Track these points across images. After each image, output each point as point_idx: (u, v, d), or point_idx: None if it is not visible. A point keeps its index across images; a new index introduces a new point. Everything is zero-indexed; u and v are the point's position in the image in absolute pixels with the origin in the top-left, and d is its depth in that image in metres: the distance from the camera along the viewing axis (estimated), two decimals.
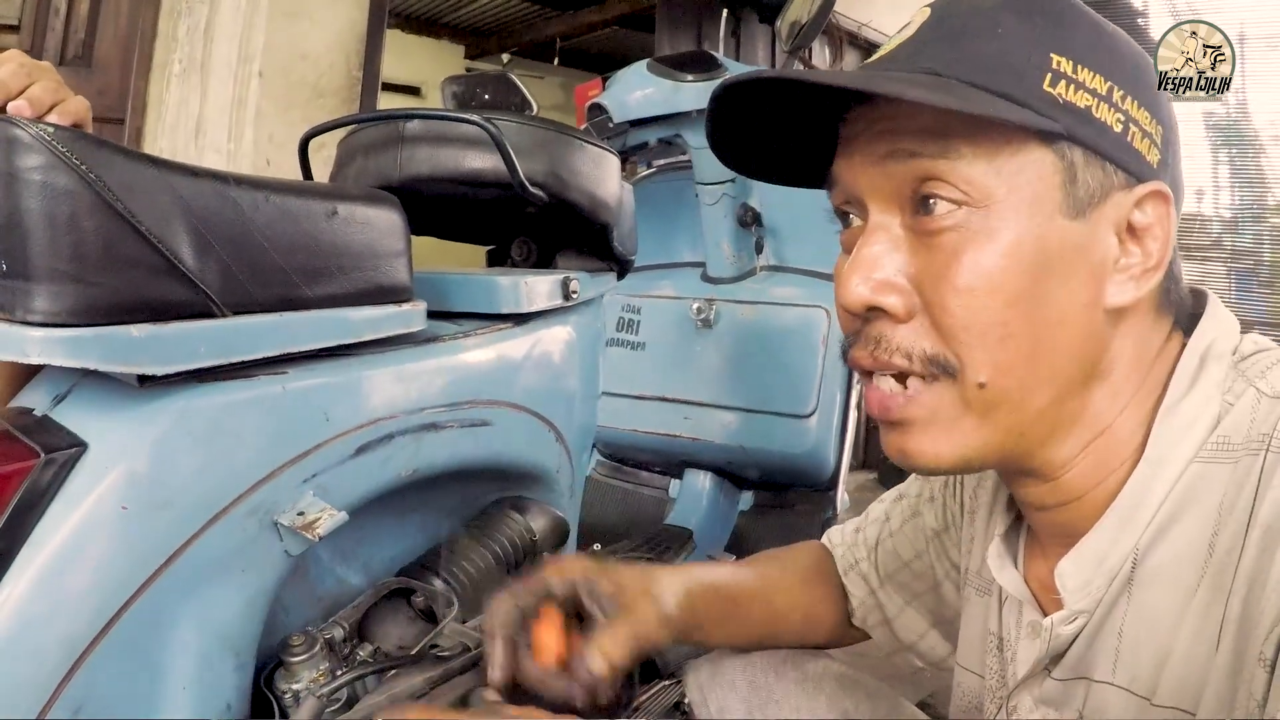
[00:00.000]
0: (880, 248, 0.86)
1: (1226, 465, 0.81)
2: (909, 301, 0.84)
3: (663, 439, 3.10)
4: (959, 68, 0.82)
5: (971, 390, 0.83)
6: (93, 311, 0.96)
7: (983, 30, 0.83)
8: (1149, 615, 0.84)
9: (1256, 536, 0.75)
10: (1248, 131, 6.83)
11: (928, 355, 0.84)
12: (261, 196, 1.13)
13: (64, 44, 3.85)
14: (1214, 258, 6.95)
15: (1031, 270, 0.80)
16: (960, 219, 0.81)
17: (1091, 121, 0.80)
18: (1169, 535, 0.83)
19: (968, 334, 0.82)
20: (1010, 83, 0.80)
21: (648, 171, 3.38)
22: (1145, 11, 7.07)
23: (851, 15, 7.74)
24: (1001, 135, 0.80)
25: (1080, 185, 0.81)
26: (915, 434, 0.87)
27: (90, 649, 0.97)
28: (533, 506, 1.61)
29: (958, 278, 0.81)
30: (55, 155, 0.93)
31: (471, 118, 1.54)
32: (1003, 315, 0.81)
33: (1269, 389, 0.82)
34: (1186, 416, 0.84)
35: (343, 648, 1.24)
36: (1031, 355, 0.82)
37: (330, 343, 1.21)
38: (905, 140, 0.83)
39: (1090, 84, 0.81)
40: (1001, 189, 0.80)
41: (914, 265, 0.85)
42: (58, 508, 0.97)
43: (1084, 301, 0.82)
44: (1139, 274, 0.83)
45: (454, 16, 10.70)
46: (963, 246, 0.81)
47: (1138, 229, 0.83)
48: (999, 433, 0.85)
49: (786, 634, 1.30)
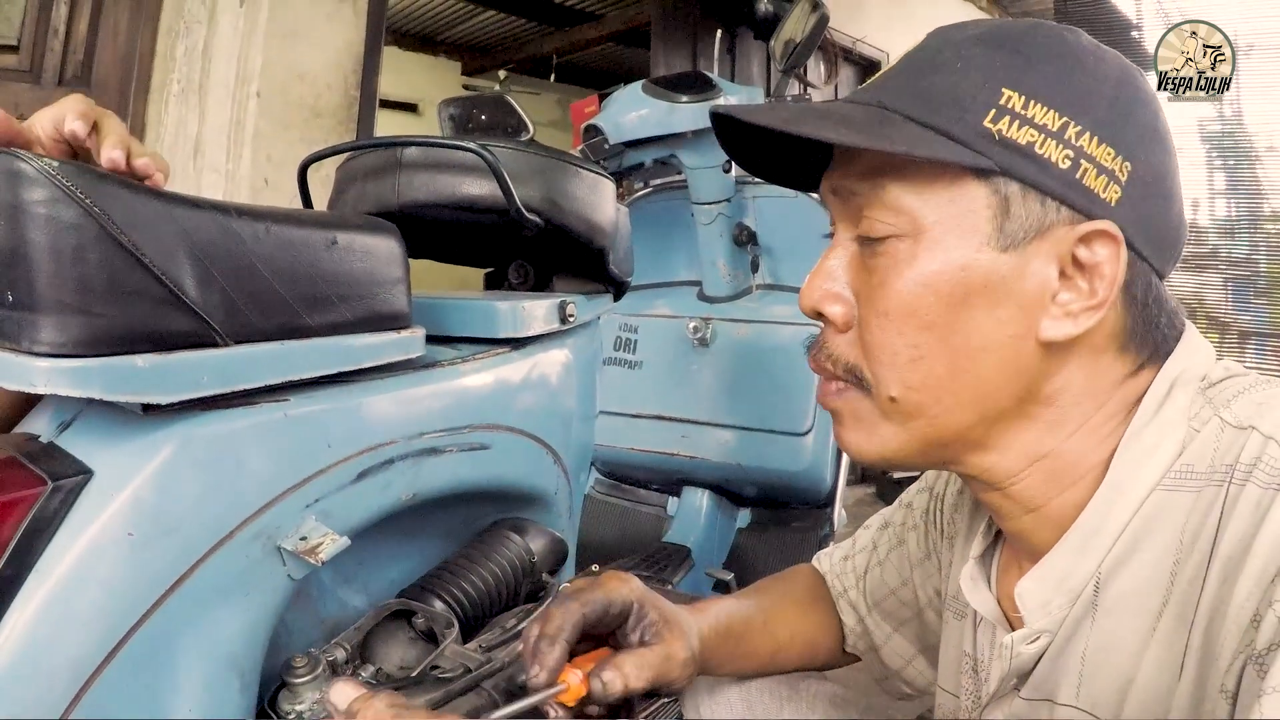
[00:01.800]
0: (835, 261, 0.93)
1: (1189, 494, 0.82)
2: (849, 313, 0.91)
3: (660, 457, 3.12)
4: (905, 102, 0.85)
5: (884, 402, 0.89)
6: (98, 342, 0.97)
7: (945, 64, 0.86)
8: (1112, 641, 0.86)
9: (1218, 568, 0.77)
10: (1243, 141, 6.84)
11: (848, 365, 0.91)
12: (262, 227, 1.14)
13: (62, 64, 3.85)
14: (1211, 267, 6.95)
15: (949, 299, 0.83)
16: (889, 246, 0.86)
17: (1033, 158, 0.81)
18: (1132, 562, 0.85)
19: (881, 352, 0.87)
20: (950, 117, 0.82)
21: (644, 191, 3.39)
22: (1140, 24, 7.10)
23: (846, 31, 7.76)
24: (932, 170, 0.83)
25: (1014, 219, 0.82)
26: (845, 427, 0.95)
27: (98, 672, 0.98)
28: (531, 528, 1.62)
29: (879, 301, 0.86)
30: (60, 189, 0.94)
31: (468, 145, 1.56)
32: (915, 339, 0.85)
33: (1232, 419, 0.82)
34: (1149, 442, 0.86)
35: (345, 669, 1.25)
36: (948, 377, 0.86)
37: (331, 370, 1.23)
38: (849, 178, 0.89)
39: (1040, 120, 0.82)
40: (930, 218, 0.83)
41: (856, 282, 0.90)
42: (65, 534, 0.98)
43: (1011, 332, 0.84)
44: (1078, 311, 0.84)
45: (451, 33, 10.73)
46: (889, 272, 0.85)
47: (1085, 265, 0.83)
48: (916, 440, 0.90)
49: (788, 663, 1.31)
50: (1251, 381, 0.87)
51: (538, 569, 1.59)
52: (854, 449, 0.94)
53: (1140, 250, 0.85)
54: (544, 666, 0.98)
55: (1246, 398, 0.84)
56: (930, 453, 0.91)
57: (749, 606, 1.28)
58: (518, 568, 1.53)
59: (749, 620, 1.26)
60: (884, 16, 8.23)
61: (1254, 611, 0.71)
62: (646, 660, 1.04)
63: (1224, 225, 6.91)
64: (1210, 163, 6.89)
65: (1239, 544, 0.75)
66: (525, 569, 1.55)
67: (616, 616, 1.08)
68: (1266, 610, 0.70)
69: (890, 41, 8.14)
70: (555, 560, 1.66)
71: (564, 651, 1.00)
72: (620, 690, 1.00)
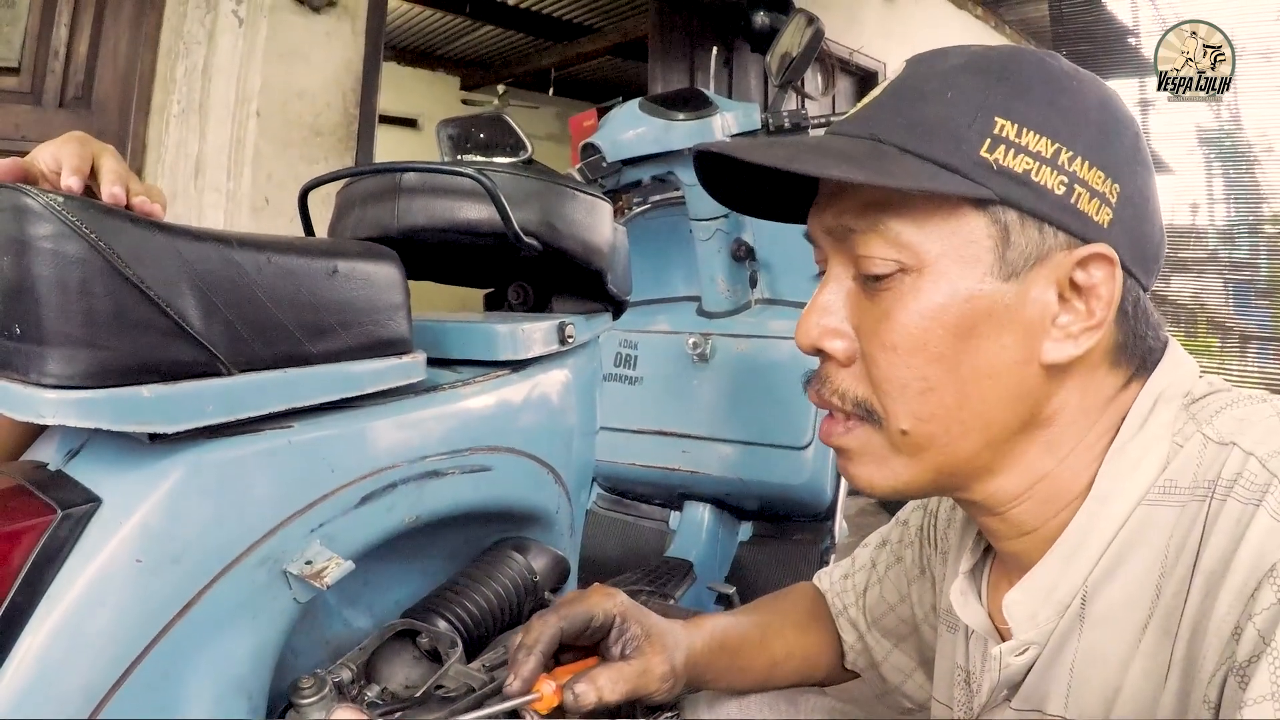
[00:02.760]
0: (832, 296, 0.92)
1: (1173, 509, 0.84)
2: (851, 348, 0.91)
3: (661, 472, 3.12)
4: (899, 134, 0.86)
5: (895, 435, 0.89)
6: (104, 374, 0.99)
7: (935, 94, 0.87)
8: (1099, 653, 0.87)
9: (1200, 582, 0.78)
10: (1242, 144, 6.85)
11: (858, 400, 0.90)
12: (264, 258, 1.16)
13: (63, 86, 3.87)
14: (1211, 271, 6.96)
15: (956, 330, 0.84)
16: (893, 281, 0.86)
17: (1030, 185, 0.83)
18: (1118, 575, 0.86)
19: (890, 386, 0.87)
20: (947, 148, 0.83)
21: (642, 208, 3.40)
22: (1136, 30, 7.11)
23: (843, 42, 7.78)
24: (932, 202, 0.84)
25: (1014, 247, 0.83)
26: (854, 462, 0.94)
27: (108, 697, 0.99)
28: (533, 546, 1.63)
29: (885, 335, 0.86)
30: (65, 224, 0.96)
31: (467, 171, 1.57)
32: (924, 371, 0.86)
33: (1214, 434, 0.84)
34: (1133, 457, 0.87)
35: (351, 689, 1.26)
36: (957, 406, 0.86)
37: (333, 397, 1.24)
38: (844, 216, 0.89)
39: (1034, 147, 0.83)
40: (933, 252, 0.84)
41: (857, 317, 0.90)
42: (74, 561, 0.99)
43: (1016, 358, 0.86)
44: (1078, 332, 0.86)
45: (449, 49, 10.76)
46: (893, 307, 0.86)
47: (1081, 288, 0.85)
48: (928, 471, 0.91)
49: (784, 679, 1.33)
50: (1234, 398, 0.88)
51: (540, 587, 1.60)
52: (866, 484, 0.94)
53: (1130, 268, 0.87)
54: (519, 675, 1.03)
55: (1228, 414, 0.86)
56: (940, 482, 0.92)
57: (746, 623, 1.30)
58: (520, 586, 1.54)
59: (745, 635, 1.27)
60: (880, 26, 8.25)
61: (1234, 624, 0.73)
62: (623, 674, 1.07)
63: (1224, 229, 6.90)
64: (1209, 167, 6.89)
65: (1220, 558, 0.77)
66: (528, 588, 1.56)
67: (599, 629, 1.11)
68: (1246, 623, 0.71)
69: (887, 51, 8.16)
70: (557, 578, 1.67)
71: (539, 661, 1.05)
72: (593, 702, 1.04)
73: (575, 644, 1.13)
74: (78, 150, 1.13)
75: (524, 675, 1.03)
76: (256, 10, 4.16)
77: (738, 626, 1.28)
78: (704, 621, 1.24)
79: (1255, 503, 0.76)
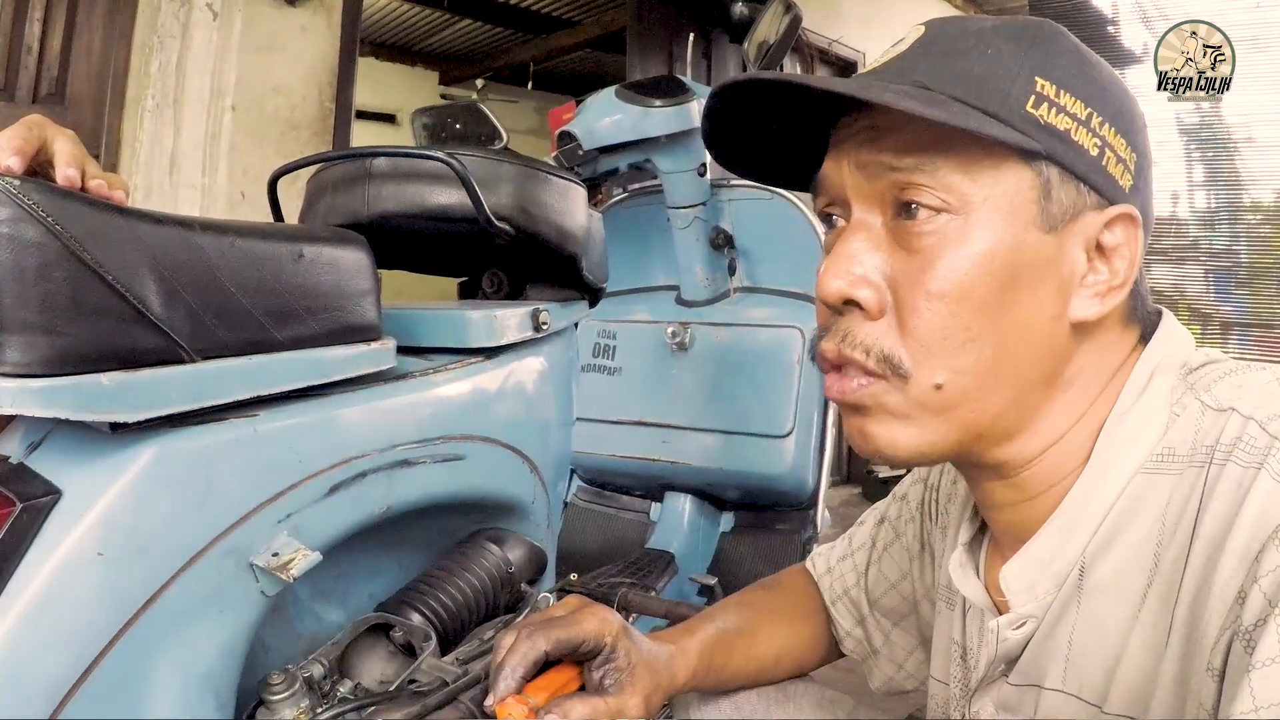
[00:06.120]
0: (861, 244, 0.89)
1: (1171, 476, 0.83)
2: (881, 299, 0.87)
3: (642, 463, 3.11)
4: (947, 84, 0.84)
5: (926, 391, 0.86)
6: (63, 361, 0.97)
7: (972, 50, 0.86)
8: (1098, 624, 0.87)
9: (1200, 549, 0.77)
10: (1221, 133, 6.87)
11: (884, 354, 0.87)
12: (227, 241, 1.14)
13: (37, 81, 3.85)
14: (1191, 259, 6.98)
15: (1002, 278, 0.83)
16: (939, 225, 0.84)
17: (1070, 143, 0.83)
18: (1116, 545, 0.86)
19: (931, 337, 0.85)
20: (996, 101, 0.83)
21: (620, 197, 3.39)
22: (1116, 19, 7.12)
23: (822, 32, 7.78)
24: (980, 150, 0.83)
25: (1054, 202, 0.84)
26: (873, 419, 0.90)
27: (71, 693, 0.97)
28: (509, 538, 1.62)
29: (931, 282, 0.84)
30: (21, 208, 0.94)
31: (436, 154, 1.56)
32: (969, 320, 0.84)
33: (1213, 401, 0.84)
34: (1132, 427, 0.87)
35: (323, 685, 1.24)
36: (994, 360, 0.85)
37: (300, 384, 1.22)
38: (886, 154, 0.86)
39: (1071, 109, 0.84)
40: (978, 198, 0.83)
41: (891, 265, 0.87)
42: (34, 555, 0.97)
43: (1050, 313, 0.86)
44: (1104, 291, 0.86)
45: (427, 43, 10.74)
46: (939, 251, 0.84)
47: (1106, 248, 0.86)
48: (956, 430, 0.88)
49: (776, 679, 1.33)
50: (1231, 367, 0.88)
51: (516, 579, 1.58)
52: (885, 445, 0.90)
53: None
54: (496, 695, 1.02)
55: (1226, 381, 0.86)
56: (965, 444, 0.90)
57: (734, 630, 1.28)
58: (496, 578, 1.52)
59: (732, 647, 1.26)
60: (861, 16, 8.25)
61: (1239, 588, 0.72)
62: (597, 710, 1.06)
63: (1204, 217, 6.93)
64: (1189, 155, 6.91)
65: (1221, 523, 0.76)
66: (504, 580, 1.54)
67: (587, 653, 1.09)
68: (1251, 586, 0.71)
69: (867, 41, 8.16)
70: (534, 570, 1.65)
71: (517, 683, 1.04)
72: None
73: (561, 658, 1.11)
74: (21, 131, 1.10)
75: (499, 695, 1.03)
76: (231, 4, 4.15)
77: (725, 638, 1.27)
78: (691, 645, 1.22)
79: (1257, 466, 0.75)
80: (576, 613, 1.11)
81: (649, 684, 1.12)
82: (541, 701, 1.02)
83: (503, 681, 1.03)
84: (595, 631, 1.09)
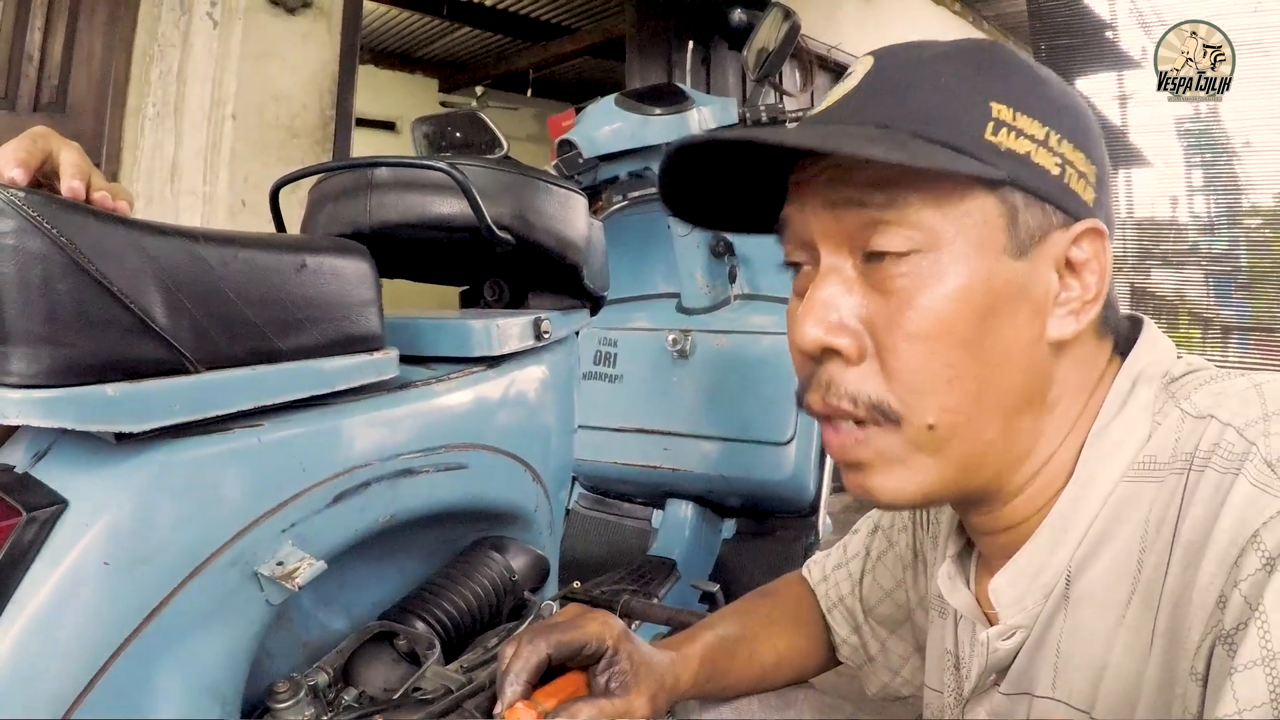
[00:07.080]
0: (834, 289, 0.87)
1: (1153, 484, 0.83)
2: (861, 344, 0.86)
3: (643, 470, 3.11)
4: (905, 120, 0.84)
5: (919, 433, 0.85)
6: (68, 372, 0.97)
7: (924, 81, 0.86)
8: (1085, 631, 0.87)
9: (1180, 554, 0.78)
10: (1220, 137, 6.87)
11: (872, 401, 0.86)
12: (230, 253, 1.14)
13: (38, 90, 3.86)
14: (1191, 263, 6.98)
15: (979, 311, 0.83)
16: (911, 265, 0.83)
17: (1031, 166, 0.83)
18: (1101, 553, 0.86)
19: (916, 378, 0.84)
20: (954, 133, 0.82)
21: (620, 204, 3.39)
22: (1114, 24, 7.12)
23: (821, 39, 7.79)
24: (947, 182, 0.82)
25: (1021, 227, 0.83)
26: (876, 474, 0.89)
27: (77, 703, 0.97)
28: (512, 546, 1.62)
29: (909, 323, 0.83)
30: (27, 220, 0.94)
31: (437, 164, 1.56)
32: (951, 357, 0.83)
33: (1192, 409, 0.84)
34: (1114, 438, 0.87)
35: (327, 693, 1.25)
36: (979, 392, 0.84)
37: (304, 394, 1.22)
38: (853, 190, 0.85)
39: (1029, 130, 0.83)
40: (949, 232, 0.83)
41: (866, 308, 0.86)
42: (41, 565, 0.97)
43: (1029, 337, 0.85)
44: (1078, 307, 0.86)
45: (427, 51, 10.75)
46: (914, 292, 0.83)
47: (1076, 264, 0.86)
48: (953, 467, 0.87)
49: (776, 686, 1.32)
50: (1211, 374, 0.88)
51: (519, 587, 1.59)
52: (892, 495, 0.89)
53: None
54: (504, 702, 1.03)
55: (1206, 389, 0.86)
56: (964, 480, 0.89)
57: (734, 637, 1.28)
58: (499, 586, 1.53)
59: (733, 653, 1.26)
60: (858, 23, 8.27)
61: (1219, 593, 0.73)
62: (604, 712, 1.06)
63: (1203, 221, 6.93)
64: (1188, 160, 6.91)
65: (1200, 528, 0.76)
66: (506, 587, 1.55)
67: (589, 657, 1.09)
68: (1231, 590, 0.71)
69: (864, 47, 8.13)
70: (537, 578, 1.66)
71: (525, 690, 1.03)
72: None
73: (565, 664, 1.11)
74: (25, 143, 1.10)
75: (506, 701, 1.03)
76: (231, 12, 4.15)
77: (726, 644, 1.27)
78: (693, 651, 1.22)
79: (1234, 471, 0.76)
80: (578, 617, 1.12)
81: (653, 685, 1.12)
82: (550, 707, 1.03)
83: (509, 687, 1.03)
84: (597, 635, 1.09)
